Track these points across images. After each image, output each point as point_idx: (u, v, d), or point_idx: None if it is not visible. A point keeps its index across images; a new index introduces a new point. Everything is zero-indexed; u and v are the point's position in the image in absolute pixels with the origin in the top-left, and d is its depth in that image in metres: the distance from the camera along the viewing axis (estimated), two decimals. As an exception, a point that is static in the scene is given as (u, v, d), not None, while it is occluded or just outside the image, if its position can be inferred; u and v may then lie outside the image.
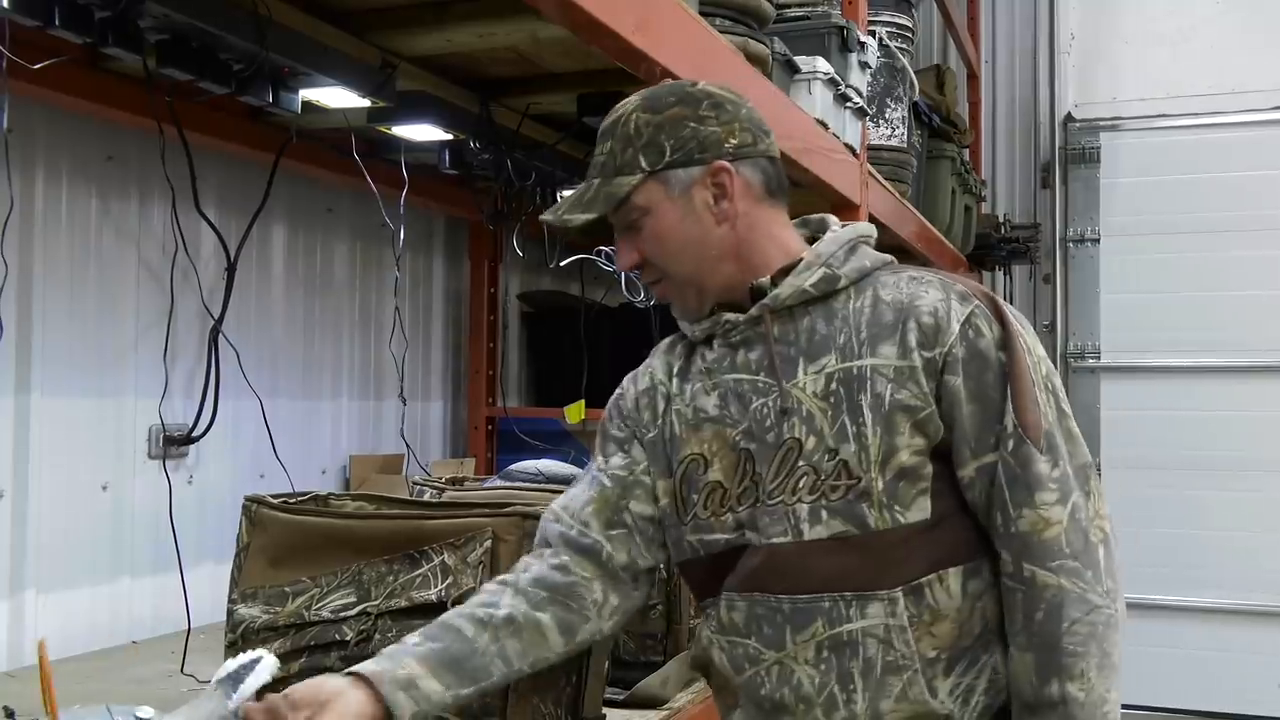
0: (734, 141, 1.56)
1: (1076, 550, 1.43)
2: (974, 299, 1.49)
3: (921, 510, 1.47)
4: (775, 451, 1.51)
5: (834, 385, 1.49)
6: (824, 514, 1.48)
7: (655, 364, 1.68)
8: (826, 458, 1.48)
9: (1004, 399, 1.45)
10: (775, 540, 1.50)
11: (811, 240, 1.62)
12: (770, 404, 1.52)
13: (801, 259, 1.56)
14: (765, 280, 1.56)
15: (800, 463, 1.49)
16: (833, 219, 1.65)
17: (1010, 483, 1.44)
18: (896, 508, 1.46)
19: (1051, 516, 1.43)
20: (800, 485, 1.49)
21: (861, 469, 1.46)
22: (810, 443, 1.49)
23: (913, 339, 1.47)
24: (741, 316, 1.56)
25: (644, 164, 1.55)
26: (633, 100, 1.60)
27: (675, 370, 1.64)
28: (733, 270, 1.58)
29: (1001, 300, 1.52)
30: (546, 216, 1.63)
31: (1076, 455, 1.47)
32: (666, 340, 1.71)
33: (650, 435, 1.64)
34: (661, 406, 1.63)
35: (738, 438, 1.55)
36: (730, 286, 1.58)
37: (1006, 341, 1.46)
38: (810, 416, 1.49)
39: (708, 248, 1.56)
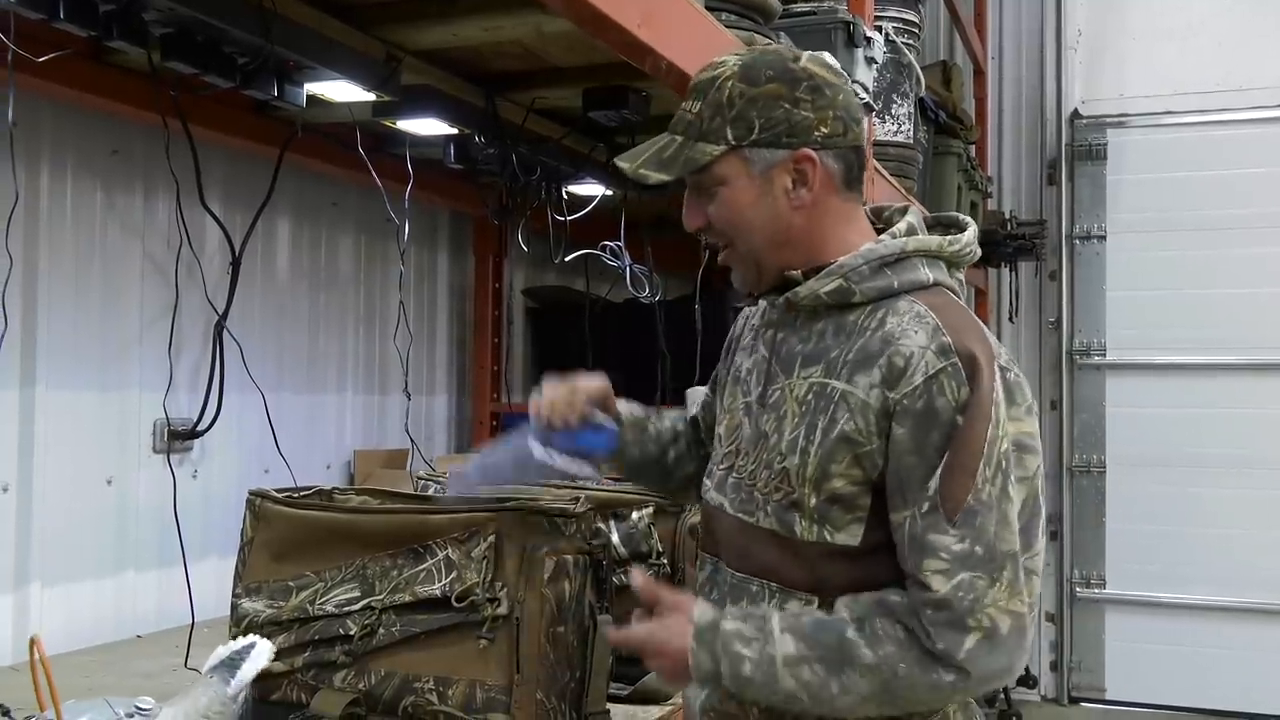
0: (824, 130, 1.53)
1: (942, 621, 1.39)
2: (953, 355, 1.43)
3: (852, 536, 1.48)
4: (756, 435, 1.57)
5: (810, 396, 1.52)
6: (769, 508, 1.53)
7: (752, 309, 1.75)
8: (777, 460, 1.53)
9: (939, 462, 1.41)
10: (735, 514, 1.58)
11: (882, 231, 1.60)
12: (769, 390, 1.58)
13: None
14: (798, 273, 1.56)
15: (764, 455, 1.55)
16: (905, 221, 1.60)
17: (909, 542, 1.42)
18: (828, 527, 1.48)
19: (931, 584, 1.39)
20: (761, 474, 1.55)
21: (797, 482, 1.50)
22: (773, 440, 1.54)
23: (878, 375, 1.46)
24: (776, 299, 1.59)
25: (730, 136, 1.53)
26: (732, 63, 1.56)
27: (754, 320, 1.71)
28: (793, 256, 1.57)
29: (995, 365, 1.45)
30: (622, 163, 1.60)
31: (1001, 540, 1.39)
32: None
33: (727, 370, 1.74)
34: (737, 347, 1.72)
35: (744, 406, 1.62)
36: (788, 269, 1.58)
37: (969, 408, 1.41)
38: (783, 417, 1.54)
39: (777, 231, 1.56)
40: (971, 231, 1.61)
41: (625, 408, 1.83)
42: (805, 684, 1.42)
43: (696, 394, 1.99)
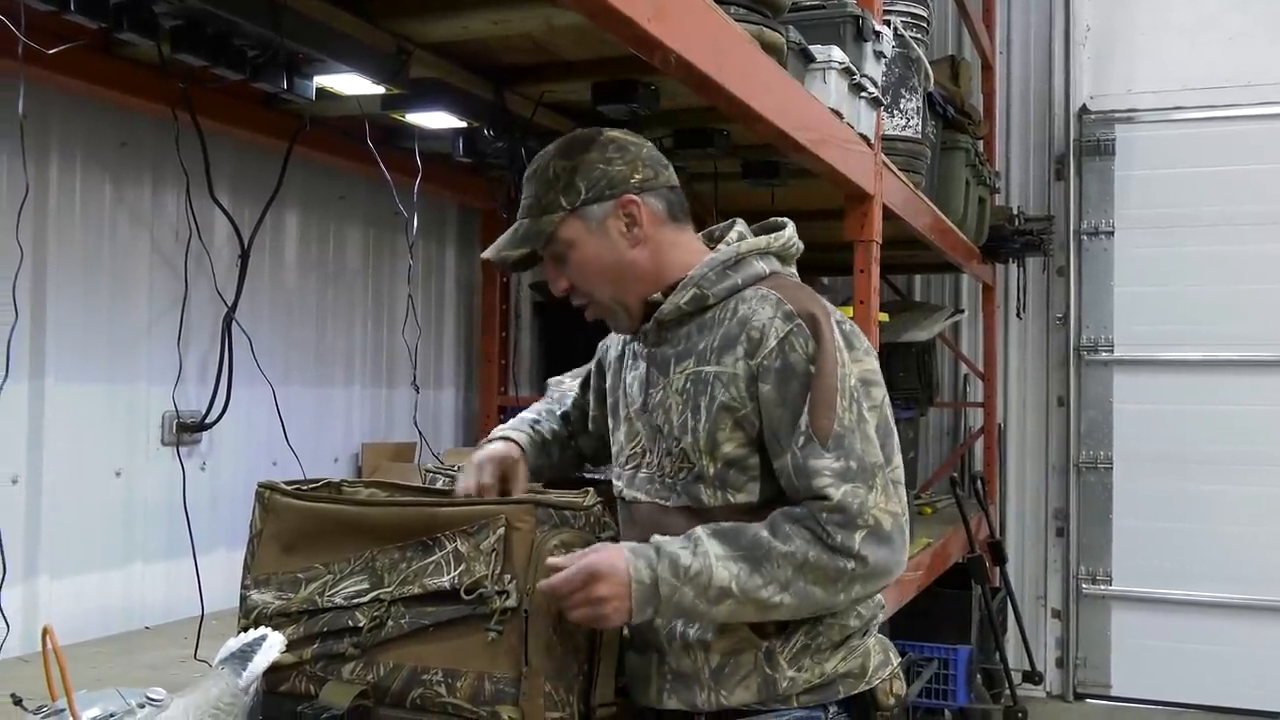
0: (638, 177, 1.85)
1: (837, 520, 1.67)
2: (797, 318, 1.74)
3: (750, 494, 1.78)
4: (651, 432, 1.86)
5: (688, 384, 1.81)
6: (678, 489, 1.82)
7: (614, 338, 2.06)
8: (674, 445, 1.81)
9: (804, 404, 1.71)
10: (651, 500, 1.86)
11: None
12: (651, 394, 1.87)
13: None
14: (658, 295, 1.85)
15: (663, 444, 1.84)
16: (734, 231, 1.92)
17: (795, 473, 1.71)
18: (729, 489, 1.78)
19: (826, 493, 1.67)
20: (665, 463, 1.83)
21: (695, 456, 1.79)
22: (665, 430, 1.83)
23: (741, 349, 1.76)
24: (647, 326, 1.87)
25: (564, 203, 1.84)
26: (550, 150, 1.89)
27: (631, 339, 1.97)
28: (646, 288, 1.86)
29: (832, 320, 1.76)
30: (486, 254, 1.93)
31: (868, 455, 1.71)
32: None
33: (607, 384, 2.04)
34: (615, 367, 2.01)
35: (634, 413, 1.91)
36: (646, 296, 1.87)
37: (817, 357, 1.72)
38: (669, 408, 1.83)
39: (624, 270, 1.85)
40: (790, 229, 1.93)
41: (523, 438, 2.12)
42: (735, 576, 1.65)
43: (558, 383, 2.30)
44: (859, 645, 1.82)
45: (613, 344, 2.07)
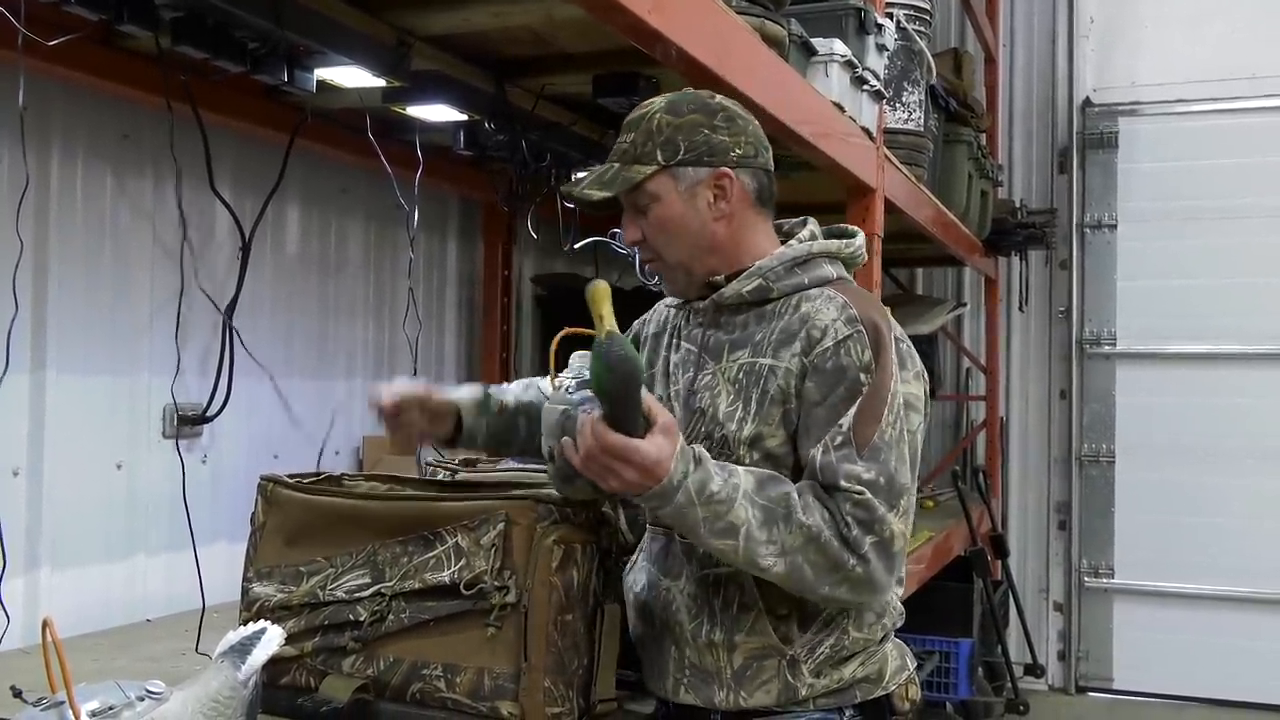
0: (739, 152, 1.81)
1: (859, 518, 1.64)
2: (860, 324, 1.72)
3: None
4: (689, 415, 1.82)
5: (741, 374, 1.78)
6: None
7: (663, 307, 2.00)
8: (716, 430, 1.77)
9: (848, 409, 1.68)
10: None
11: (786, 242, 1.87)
12: (699, 376, 1.83)
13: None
14: (721, 278, 1.83)
15: (703, 428, 1.79)
16: (806, 230, 1.88)
17: (824, 469, 1.67)
18: None
19: (853, 490, 1.64)
20: (699, 445, 1.73)
21: (734, 445, 1.75)
22: (710, 414, 1.79)
23: (799, 346, 1.74)
24: (703, 304, 1.85)
25: (660, 158, 1.78)
26: (658, 101, 1.83)
27: (674, 319, 1.95)
28: (717, 262, 1.83)
29: (893, 335, 1.73)
30: (567, 188, 1.87)
31: (899, 474, 1.68)
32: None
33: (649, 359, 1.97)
34: (652, 344, 1.96)
35: (674, 393, 1.87)
36: (713, 274, 1.84)
37: (873, 368, 1.70)
38: (717, 395, 1.79)
39: (701, 239, 1.81)
40: (861, 238, 1.91)
41: (464, 393, 2.08)
42: (746, 522, 1.62)
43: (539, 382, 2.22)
44: (878, 651, 1.81)
45: (651, 320, 2.02)
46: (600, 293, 1.65)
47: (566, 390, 1.85)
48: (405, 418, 2.00)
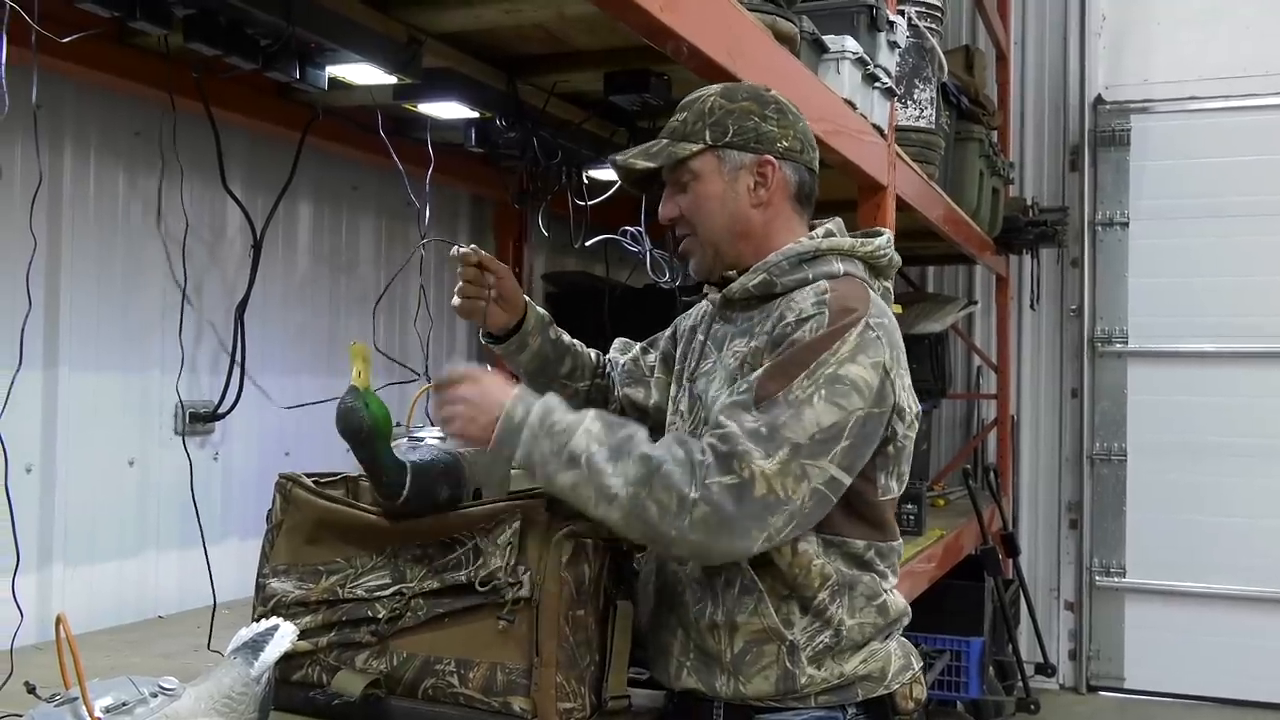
0: (785, 144, 1.86)
1: (718, 450, 1.61)
2: (827, 308, 1.71)
3: None
4: (691, 401, 1.91)
5: (733, 361, 1.83)
6: None
7: (705, 303, 2.05)
8: (709, 414, 1.80)
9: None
10: None
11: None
12: (702, 364, 1.92)
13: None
14: (733, 272, 1.89)
15: (701, 414, 1.86)
16: (823, 227, 1.90)
17: (718, 408, 1.70)
18: None
19: (725, 425, 1.64)
20: (697, 430, 1.83)
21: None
22: (704, 399, 1.85)
23: (769, 324, 1.77)
24: (718, 296, 1.92)
25: (709, 137, 1.84)
26: (715, 87, 1.91)
27: (709, 314, 2.00)
28: (745, 248, 1.87)
29: (864, 323, 1.70)
30: (615, 157, 1.94)
31: (787, 429, 1.61)
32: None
33: (677, 351, 2.06)
34: (687, 336, 2.04)
35: (683, 383, 1.95)
36: (740, 260, 1.88)
37: (816, 342, 1.68)
38: (712, 380, 1.85)
39: (736, 222, 1.86)
40: (885, 238, 1.92)
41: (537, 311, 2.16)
42: (588, 451, 1.62)
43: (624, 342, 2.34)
44: (880, 649, 1.80)
45: (692, 314, 2.09)
46: (354, 351, 1.91)
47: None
48: (484, 280, 2.05)
